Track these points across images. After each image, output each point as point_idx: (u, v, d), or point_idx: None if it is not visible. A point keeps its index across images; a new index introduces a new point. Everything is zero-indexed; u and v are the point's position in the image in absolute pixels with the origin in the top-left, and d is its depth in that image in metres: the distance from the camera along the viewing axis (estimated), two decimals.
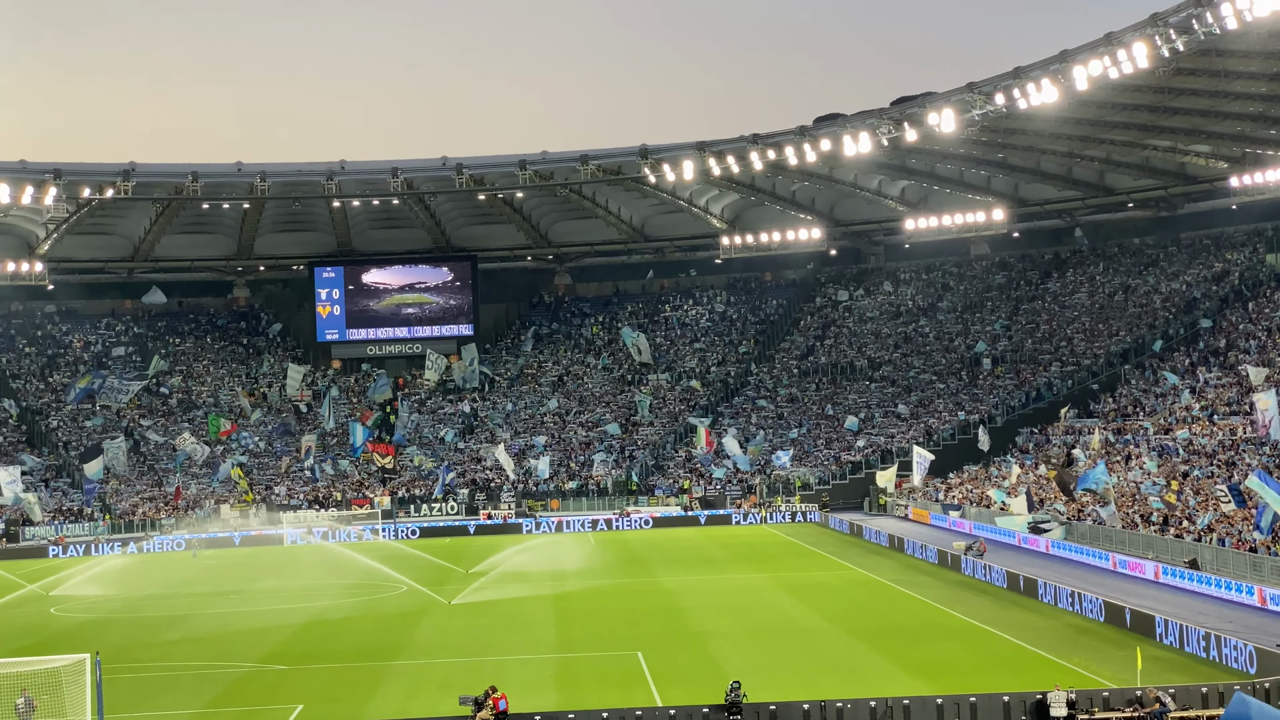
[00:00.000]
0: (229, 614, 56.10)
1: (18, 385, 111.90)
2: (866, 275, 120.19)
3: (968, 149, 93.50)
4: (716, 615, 50.76)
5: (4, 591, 63.73)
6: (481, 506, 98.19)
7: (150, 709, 37.36)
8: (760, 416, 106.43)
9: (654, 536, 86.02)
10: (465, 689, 35.37)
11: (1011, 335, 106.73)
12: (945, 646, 42.61)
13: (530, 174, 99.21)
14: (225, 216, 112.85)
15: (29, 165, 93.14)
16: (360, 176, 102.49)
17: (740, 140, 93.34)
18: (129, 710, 36.37)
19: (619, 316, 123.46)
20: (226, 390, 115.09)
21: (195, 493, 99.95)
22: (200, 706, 37.64)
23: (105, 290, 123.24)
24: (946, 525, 78.40)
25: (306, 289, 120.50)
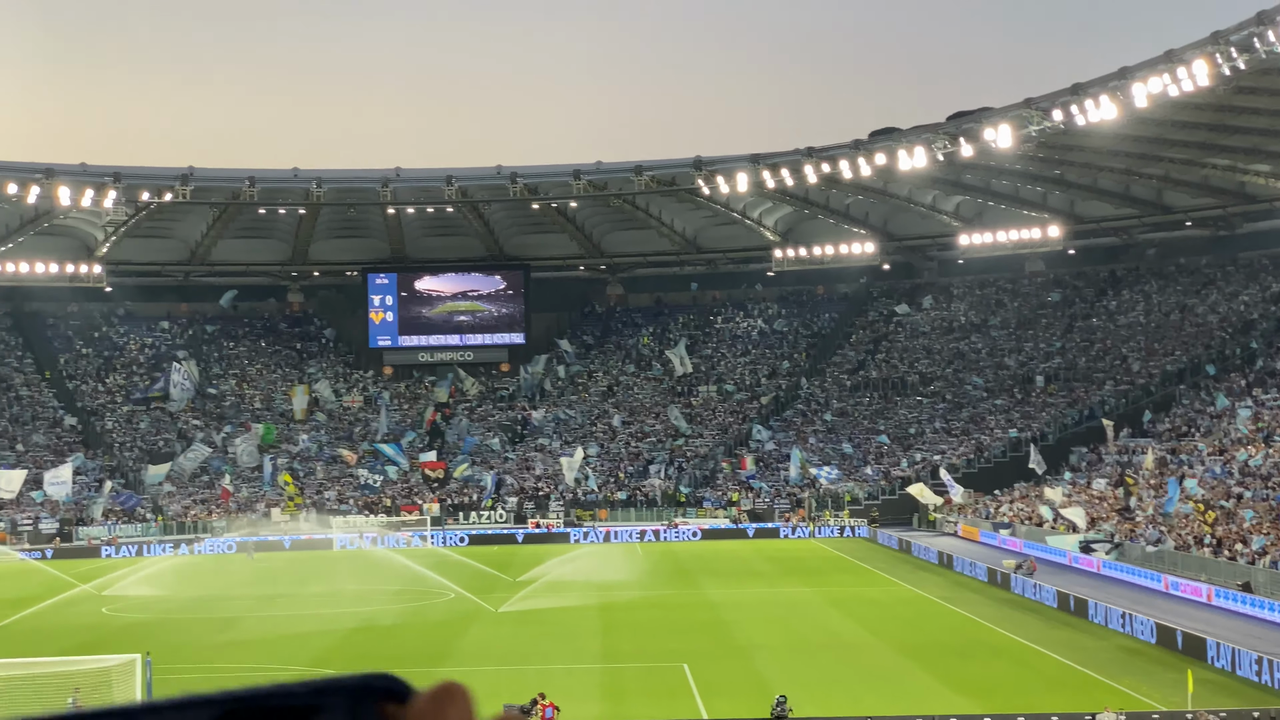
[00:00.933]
0: (278, 617, 56.39)
1: (74, 386, 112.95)
2: (919, 290, 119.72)
3: (1024, 165, 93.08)
4: (763, 629, 50.64)
5: (57, 590, 64.27)
6: (530, 515, 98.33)
7: None
8: (810, 430, 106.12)
9: (701, 548, 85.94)
10: (511, 697, 35.40)
11: (1065, 353, 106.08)
12: (993, 665, 42.37)
13: (584, 184, 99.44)
14: (281, 222, 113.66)
15: (89, 168, 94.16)
16: (415, 184, 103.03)
17: (795, 153, 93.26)
18: None
19: (670, 328, 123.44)
20: (280, 395, 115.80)
21: (246, 496, 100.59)
22: None
23: (162, 293, 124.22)
24: (996, 543, 77.94)
25: (360, 295, 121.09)
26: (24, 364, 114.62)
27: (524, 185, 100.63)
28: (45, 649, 46.40)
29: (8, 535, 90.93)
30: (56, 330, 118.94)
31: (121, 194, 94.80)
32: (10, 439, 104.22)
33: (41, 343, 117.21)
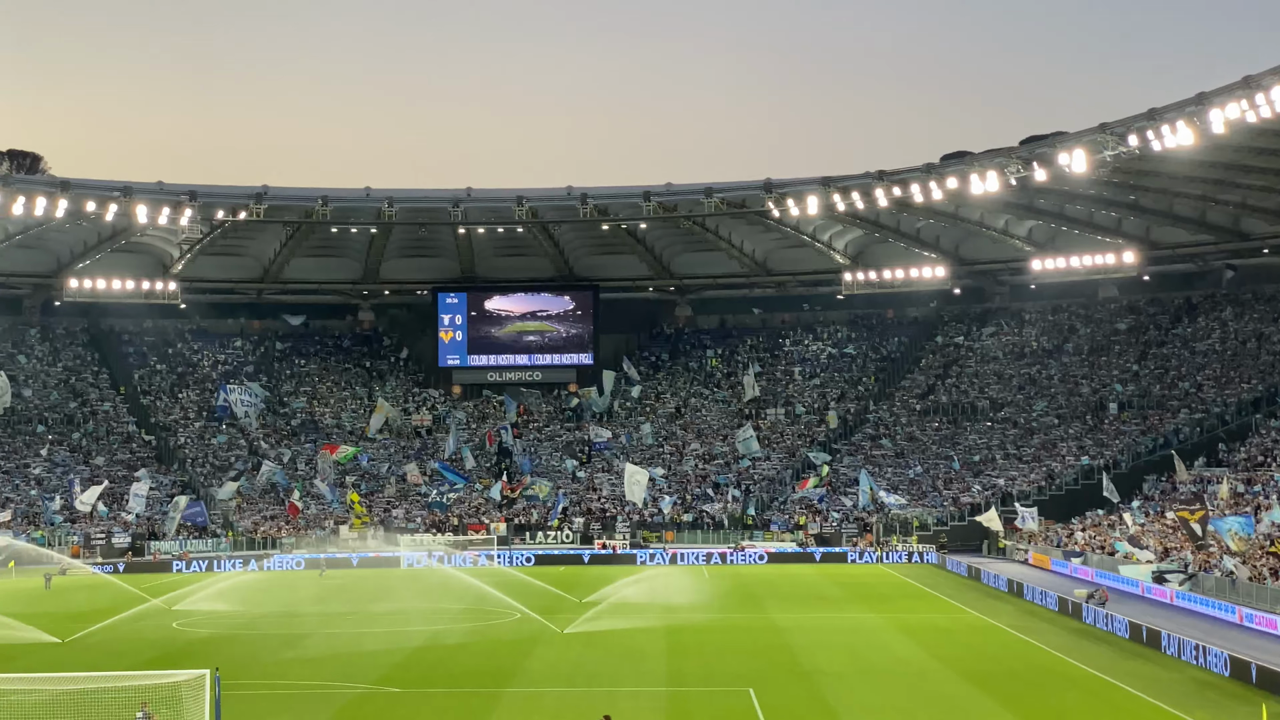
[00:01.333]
0: (345, 634, 56.61)
1: (148, 402, 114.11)
2: (990, 315, 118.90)
3: (1098, 190, 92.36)
4: (829, 654, 50.29)
5: (128, 605, 64.82)
6: (596, 536, 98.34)
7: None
8: (879, 455, 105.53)
9: (768, 572, 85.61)
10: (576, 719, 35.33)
11: (1139, 380, 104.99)
12: (1063, 695, 41.84)
13: (654, 205, 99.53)
14: (353, 241, 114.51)
15: (166, 186, 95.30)
16: (486, 204, 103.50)
17: (865, 176, 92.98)
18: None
19: (738, 349, 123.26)
20: (349, 413, 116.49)
21: (315, 513, 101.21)
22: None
23: (235, 310, 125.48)
24: (1068, 572, 77.12)
25: (430, 314, 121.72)
26: (99, 379, 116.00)
27: (594, 206, 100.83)
28: (116, 663, 46.80)
29: (81, 549, 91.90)
30: (131, 346, 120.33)
31: (197, 212, 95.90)
32: (85, 453, 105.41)
33: (117, 358, 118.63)
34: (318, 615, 63.40)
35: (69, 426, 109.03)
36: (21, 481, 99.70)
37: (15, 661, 48.85)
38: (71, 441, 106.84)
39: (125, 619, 60.99)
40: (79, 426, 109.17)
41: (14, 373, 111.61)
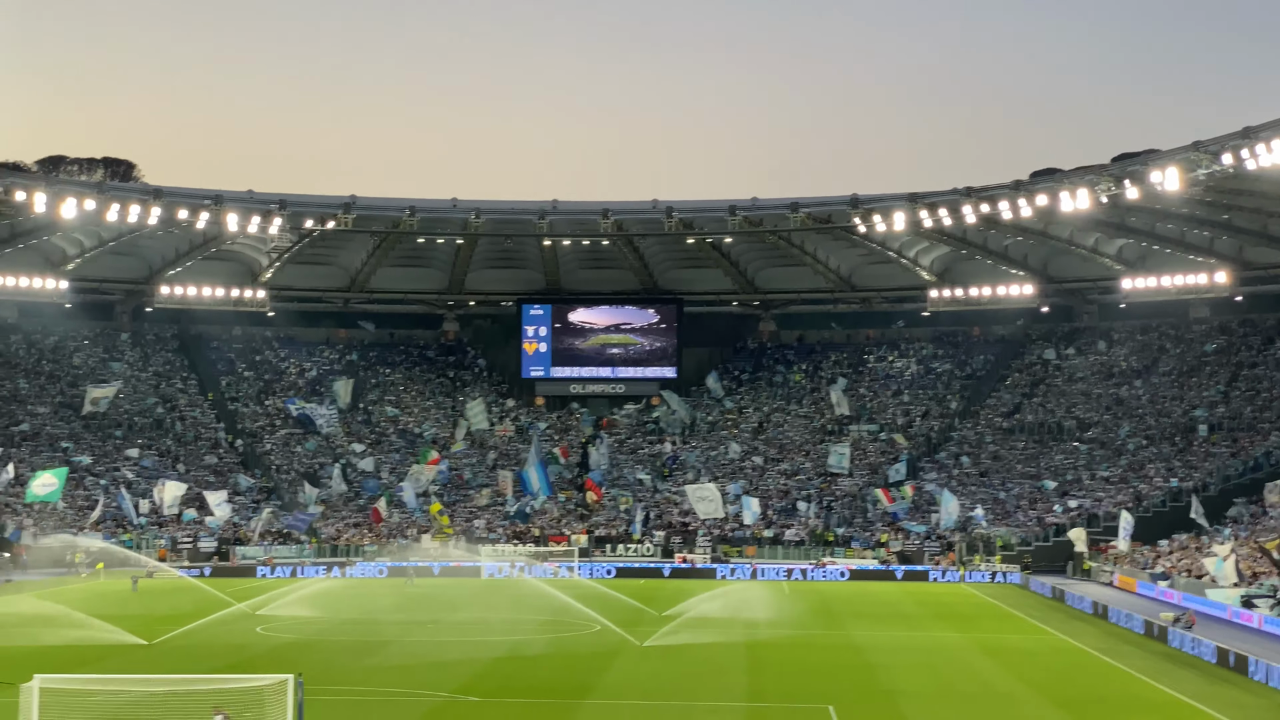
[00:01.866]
0: (426, 643, 56.88)
1: (235, 408, 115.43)
2: (1078, 334, 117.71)
3: (1191, 209, 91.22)
4: (910, 674, 49.91)
5: (213, 609, 65.55)
6: (677, 549, 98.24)
7: None
8: (963, 473, 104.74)
9: (849, 589, 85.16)
10: None
11: (1230, 402, 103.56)
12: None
13: (739, 219, 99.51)
14: (439, 251, 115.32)
15: (256, 195, 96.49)
16: (571, 216, 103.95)
17: (953, 193, 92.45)
18: None
19: (822, 365, 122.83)
20: (432, 422, 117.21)
21: (398, 521, 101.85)
22: None
23: (321, 319, 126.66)
24: (1154, 595, 76.10)
25: (514, 325, 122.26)
26: (188, 385, 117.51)
27: (679, 219, 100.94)
28: (201, 666, 47.34)
29: (167, 553, 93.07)
30: (219, 353, 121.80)
31: (286, 221, 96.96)
32: (173, 458, 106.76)
33: (205, 364, 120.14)
34: (399, 623, 63.76)
35: (158, 431, 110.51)
36: (111, 484, 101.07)
37: (103, 662, 49.52)
38: (160, 446, 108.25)
39: (210, 623, 61.68)
40: (168, 431, 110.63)
41: (105, 377, 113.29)
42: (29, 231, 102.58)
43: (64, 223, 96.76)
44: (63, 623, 58.96)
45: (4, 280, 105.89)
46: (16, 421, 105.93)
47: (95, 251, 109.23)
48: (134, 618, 62.27)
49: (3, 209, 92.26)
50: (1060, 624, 65.60)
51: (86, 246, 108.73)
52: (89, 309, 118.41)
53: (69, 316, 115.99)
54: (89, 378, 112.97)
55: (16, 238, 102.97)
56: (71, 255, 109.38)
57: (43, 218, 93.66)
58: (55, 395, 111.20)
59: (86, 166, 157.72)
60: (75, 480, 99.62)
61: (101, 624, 57.68)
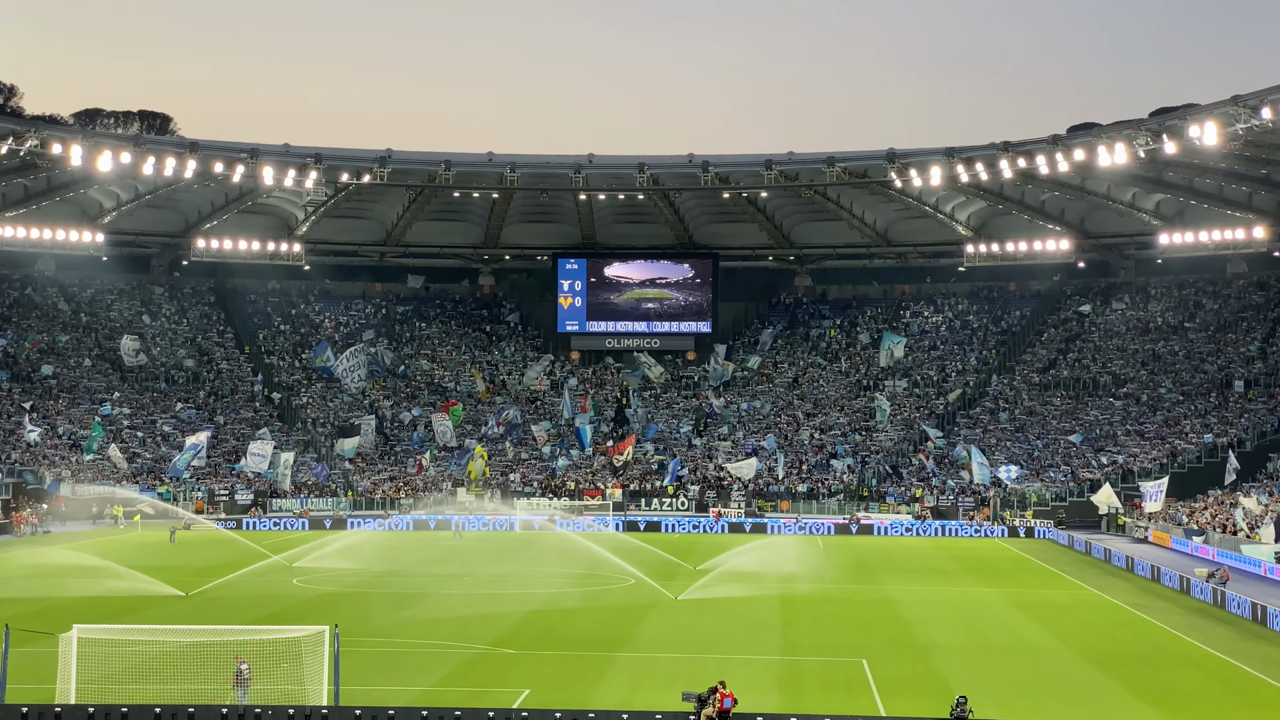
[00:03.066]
0: (462, 596, 57.23)
1: (271, 361, 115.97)
2: (1115, 289, 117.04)
3: (1229, 163, 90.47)
4: (944, 628, 49.98)
5: (250, 560, 66.06)
6: (712, 504, 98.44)
7: (383, 683, 38.32)
8: (997, 428, 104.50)
9: (884, 543, 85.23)
10: (689, 685, 35.45)
11: (1267, 357, 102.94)
12: (1182, 675, 41.29)
13: (775, 174, 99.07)
14: (474, 205, 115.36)
15: (292, 149, 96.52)
16: (607, 170, 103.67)
17: (990, 147, 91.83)
18: (363, 683, 37.35)
19: (858, 320, 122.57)
20: (468, 376, 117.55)
21: (434, 474, 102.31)
22: (430, 685, 38.46)
23: (357, 272, 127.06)
24: (1188, 551, 75.96)
25: (549, 280, 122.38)
26: (225, 338, 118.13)
27: (715, 174, 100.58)
28: (238, 617, 47.76)
29: (205, 505, 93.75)
30: (256, 306, 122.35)
31: (322, 174, 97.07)
32: (210, 410, 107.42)
33: (242, 318, 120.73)
34: (434, 576, 64.15)
35: (195, 385, 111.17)
36: (149, 437, 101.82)
37: (141, 613, 50.02)
38: (197, 400, 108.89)
39: (247, 574, 62.15)
40: (205, 384, 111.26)
41: (141, 330, 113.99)
42: (65, 184, 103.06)
43: (100, 176, 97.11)
44: (101, 574, 59.57)
45: (41, 233, 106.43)
46: (55, 374, 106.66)
47: (131, 205, 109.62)
48: (171, 569, 62.86)
49: (40, 162, 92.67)
50: (1094, 579, 65.54)
51: (123, 200, 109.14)
52: (125, 262, 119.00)
53: (106, 269, 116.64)
54: (126, 331, 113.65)
55: (53, 190, 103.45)
56: (108, 208, 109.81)
57: (79, 170, 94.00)
58: (93, 348, 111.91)
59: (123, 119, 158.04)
60: (113, 433, 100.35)
61: (139, 575, 58.23)
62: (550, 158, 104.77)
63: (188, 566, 65.53)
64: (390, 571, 65.90)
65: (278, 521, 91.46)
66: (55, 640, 35.22)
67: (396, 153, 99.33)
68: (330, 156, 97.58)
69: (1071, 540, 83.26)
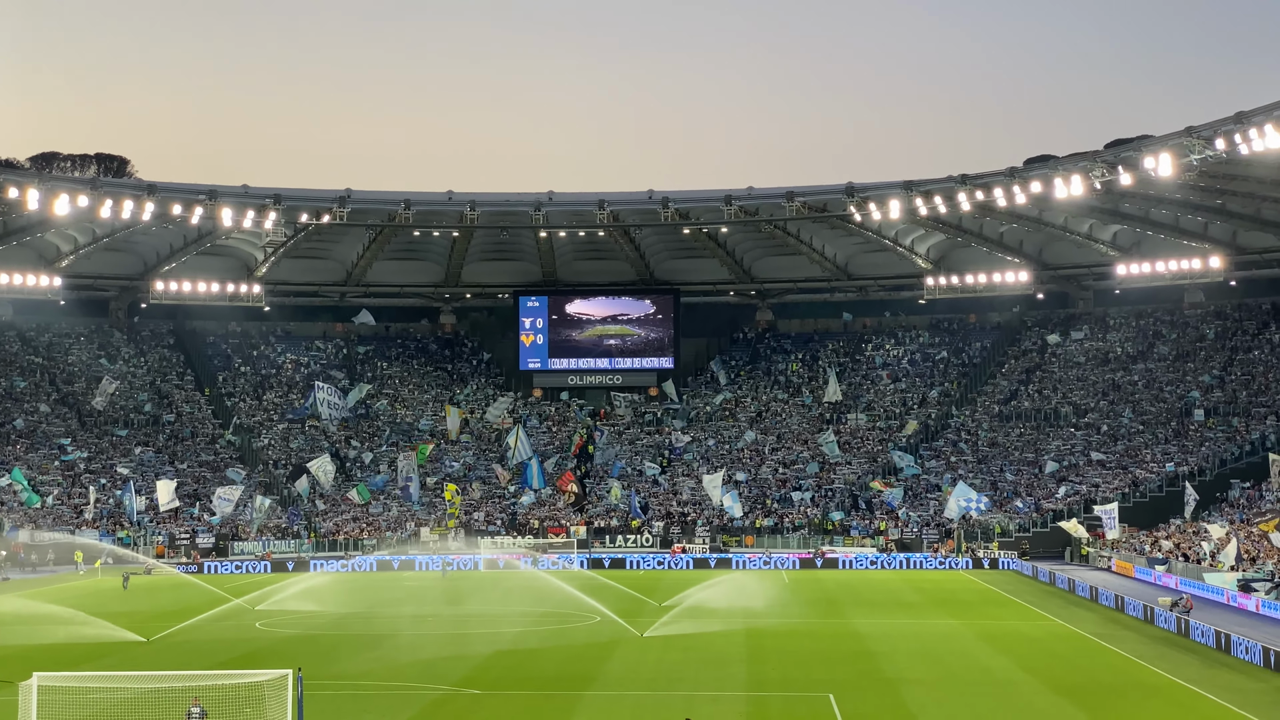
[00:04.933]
0: (427, 636, 56.86)
1: (232, 404, 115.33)
2: (1074, 320, 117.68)
3: (1184, 194, 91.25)
4: (910, 661, 49.92)
5: (211, 605, 65.52)
6: (676, 540, 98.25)
7: None
8: (960, 461, 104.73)
9: (849, 577, 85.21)
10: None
11: (1225, 386, 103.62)
12: (1149, 705, 41.33)
13: (735, 209, 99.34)
14: (435, 244, 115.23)
15: (250, 190, 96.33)
16: (567, 208, 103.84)
17: (948, 180, 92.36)
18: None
19: (820, 354, 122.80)
20: (430, 415, 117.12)
21: (397, 515, 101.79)
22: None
23: (318, 313, 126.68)
24: (1152, 579, 76.19)
25: (511, 317, 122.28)
26: (184, 381, 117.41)
27: (675, 210, 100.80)
28: (200, 662, 47.36)
29: (165, 549, 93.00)
30: (216, 348, 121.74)
31: (281, 215, 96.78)
32: (170, 455, 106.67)
33: (202, 360, 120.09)
34: (399, 617, 63.76)
35: (154, 428, 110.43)
36: (108, 481, 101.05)
37: (102, 660, 49.52)
38: (157, 443, 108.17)
39: (208, 619, 61.63)
40: (164, 428, 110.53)
41: (100, 373, 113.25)
42: (22, 229, 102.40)
43: (57, 219, 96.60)
44: (61, 621, 59.00)
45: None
46: (12, 419, 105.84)
47: (89, 248, 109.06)
48: (132, 615, 62.30)
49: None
50: (1059, 609, 65.65)
51: (80, 243, 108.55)
52: (84, 306, 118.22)
53: (64, 313, 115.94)
54: (85, 375, 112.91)
55: (10, 235, 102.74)
56: (65, 252, 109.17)
57: (35, 214, 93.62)
58: (51, 393, 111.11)
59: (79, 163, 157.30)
60: (72, 478, 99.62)
61: (100, 621, 57.70)
62: (510, 195, 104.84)
63: (149, 612, 64.96)
64: (354, 613, 65.50)
65: (240, 565, 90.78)
66: (15, 689, 34.80)
67: (356, 192, 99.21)
68: (289, 197, 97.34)
69: (1036, 571, 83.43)
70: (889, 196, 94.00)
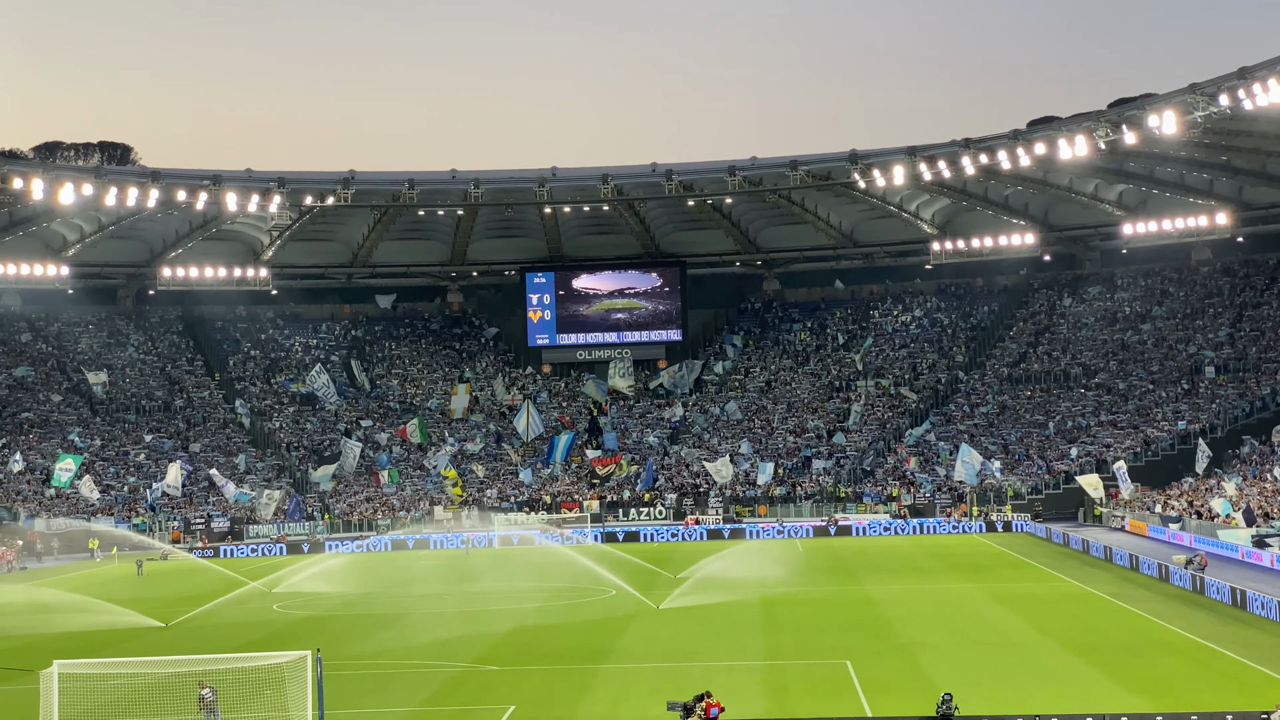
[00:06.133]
0: (444, 614, 57.09)
1: (242, 388, 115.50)
2: (1082, 281, 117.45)
3: (1189, 151, 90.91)
4: (926, 625, 50.08)
5: (229, 588, 65.77)
6: (689, 511, 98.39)
7: (368, 706, 38.22)
8: (971, 424, 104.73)
9: (862, 544, 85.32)
10: (673, 694, 35.42)
11: (1235, 343, 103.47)
12: (1165, 662, 41.45)
13: (739, 180, 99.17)
14: (440, 223, 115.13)
15: (255, 174, 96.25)
16: (571, 183, 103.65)
17: (952, 145, 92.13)
18: (348, 707, 37.24)
19: (827, 322, 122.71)
20: (440, 394, 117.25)
21: (410, 494, 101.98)
22: (416, 705, 38.37)
23: (325, 295, 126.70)
24: (1165, 538, 76.28)
25: (518, 294, 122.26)
26: (194, 366, 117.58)
27: (679, 182, 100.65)
28: (219, 646, 47.54)
29: (181, 534, 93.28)
30: (225, 333, 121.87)
31: (286, 198, 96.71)
32: (183, 440, 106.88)
33: (211, 345, 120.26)
34: (415, 596, 63.98)
35: (166, 414, 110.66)
36: (122, 469, 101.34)
37: (122, 646, 49.77)
38: (169, 429, 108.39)
39: (226, 602, 61.89)
40: (177, 414, 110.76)
41: (111, 361, 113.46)
42: (28, 219, 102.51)
43: (62, 208, 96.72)
44: (80, 608, 59.23)
45: (5, 268, 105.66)
46: (24, 409, 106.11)
47: (95, 236, 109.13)
48: (150, 601, 62.58)
49: (1, 197, 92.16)
50: (1073, 570, 65.75)
51: (86, 231, 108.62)
52: (92, 294, 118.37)
53: (72, 302, 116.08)
54: (95, 363, 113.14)
55: (16, 225, 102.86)
56: (72, 241, 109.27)
57: (41, 204, 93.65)
58: (62, 382, 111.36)
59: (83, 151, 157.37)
60: (85, 466, 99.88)
61: (118, 608, 57.94)
62: (514, 172, 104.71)
63: (166, 597, 65.20)
64: (370, 593, 65.75)
65: (255, 548, 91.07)
66: (36, 677, 35.00)
67: (359, 173, 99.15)
68: (293, 180, 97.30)
69: (1049, 533, 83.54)
70: (893, 162, 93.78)
